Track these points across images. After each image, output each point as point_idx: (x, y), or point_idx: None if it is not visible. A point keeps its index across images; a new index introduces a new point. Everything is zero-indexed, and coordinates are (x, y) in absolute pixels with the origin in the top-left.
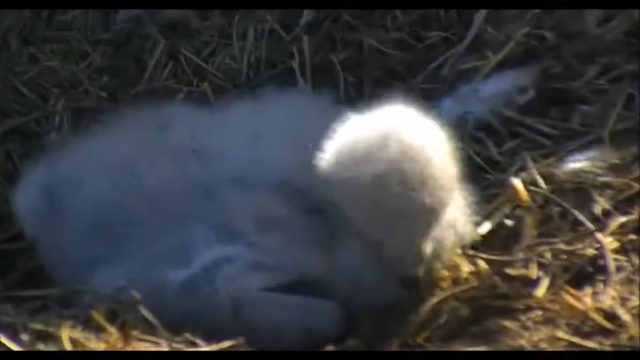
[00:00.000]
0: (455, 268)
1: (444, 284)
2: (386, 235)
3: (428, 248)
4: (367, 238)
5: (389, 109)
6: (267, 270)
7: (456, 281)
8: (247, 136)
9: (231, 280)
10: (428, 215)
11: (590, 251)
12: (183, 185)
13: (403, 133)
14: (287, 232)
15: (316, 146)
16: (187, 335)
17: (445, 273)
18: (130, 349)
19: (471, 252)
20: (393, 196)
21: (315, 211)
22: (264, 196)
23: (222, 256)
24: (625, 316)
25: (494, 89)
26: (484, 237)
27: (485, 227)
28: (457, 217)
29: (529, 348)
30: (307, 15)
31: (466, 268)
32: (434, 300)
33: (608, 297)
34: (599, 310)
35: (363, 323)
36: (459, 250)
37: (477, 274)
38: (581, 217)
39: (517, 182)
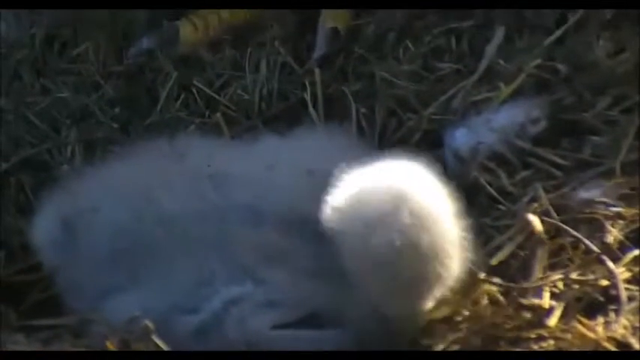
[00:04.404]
0: (467, 297)
1: (456, 314)
2: (389, 298)
3: (427, 306)
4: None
5: (396, 167)
6: (276, 307)
7: (467, 310)
8: (263, 166)
9: (241, 322)
10: (435, 282)
11: (602, 281)
12: (199, 213)
13: (414, 199)
14: (295, 265)
15: (327, 178)
16: None
17: (457, 303)
18: None
19: (483, 281)
20: (406, 265)
21: (323, 241)
22: (273, 227)
23: (231, 297)
24: (637, 345)
25: (506, 120)
26: (496, 267)
27: (498, 257)
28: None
29: None
30: (320, 48)
31: (478, 297)
32: (446, 331)
33: (620, 326)
34: (611, 339)
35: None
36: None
37: (489, 303)
38: (593, 247)
39: (530, 213)
